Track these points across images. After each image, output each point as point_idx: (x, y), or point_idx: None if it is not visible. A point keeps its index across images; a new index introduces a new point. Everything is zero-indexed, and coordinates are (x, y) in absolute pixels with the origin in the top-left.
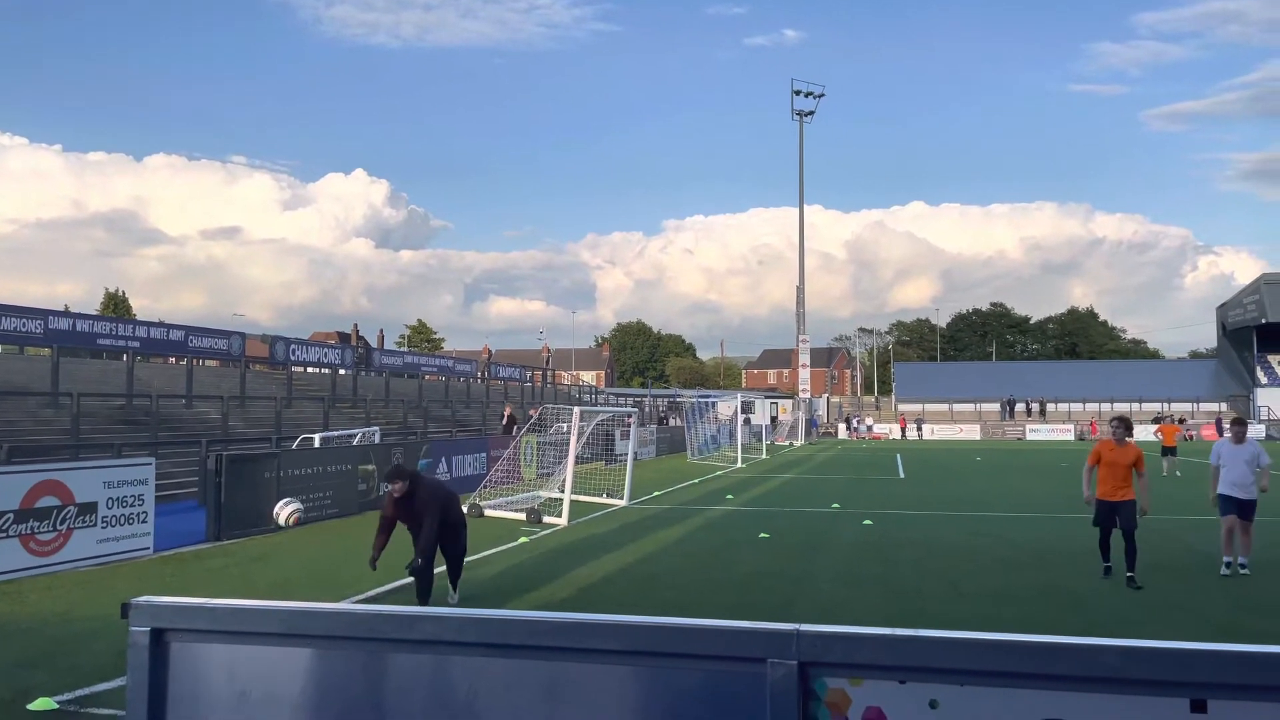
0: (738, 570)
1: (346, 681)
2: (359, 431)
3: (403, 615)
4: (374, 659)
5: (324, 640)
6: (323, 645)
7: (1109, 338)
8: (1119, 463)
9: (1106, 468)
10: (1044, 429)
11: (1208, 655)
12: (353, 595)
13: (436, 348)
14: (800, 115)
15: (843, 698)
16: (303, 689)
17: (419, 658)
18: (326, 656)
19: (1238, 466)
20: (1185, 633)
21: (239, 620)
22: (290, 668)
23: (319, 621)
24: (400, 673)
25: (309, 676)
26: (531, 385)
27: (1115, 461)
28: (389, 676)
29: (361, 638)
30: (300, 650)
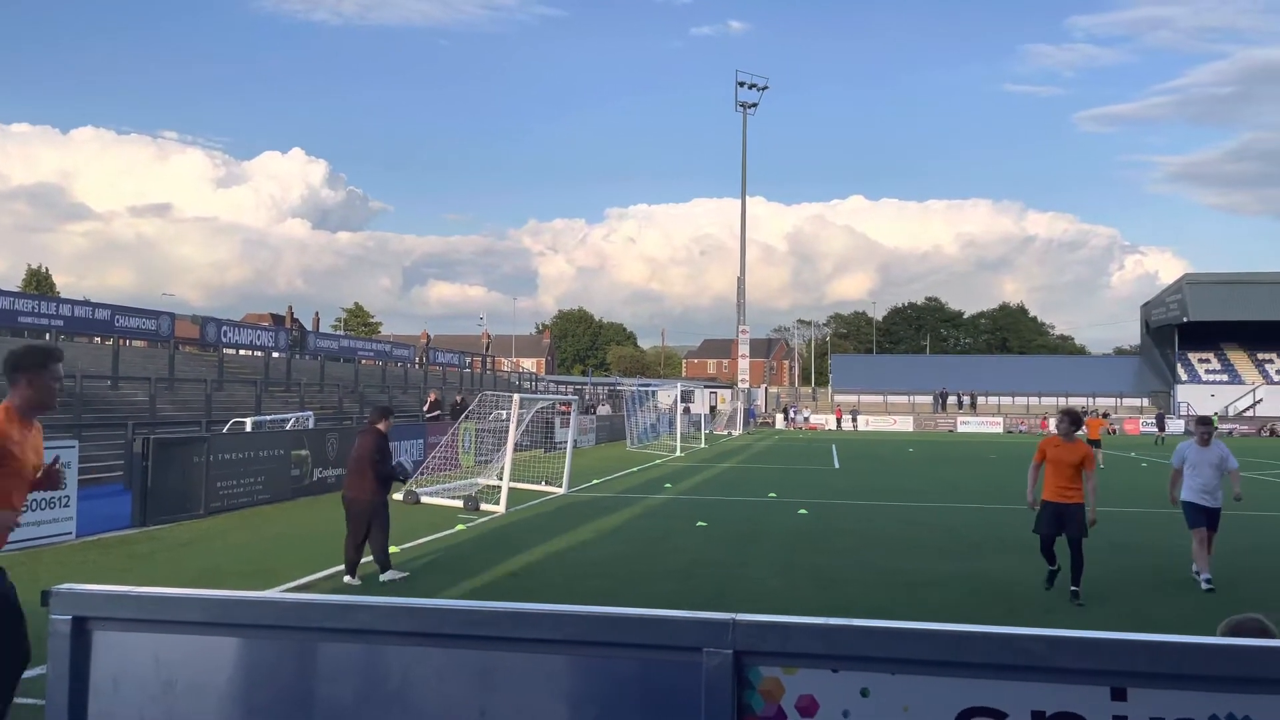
0: (675, 559)
1: (276, 671)
2: (292, 416)
3: (335, 604)
4: (304, 648)
5: (253, 629)
6: (251, 634)
7: (1038, 333)
8: (1065, 460)
9: (1052, 465)
10: (974, 421)
11: (1128, 644)
12: (284, 583)
13: (374, 332)
14: (744, 107)
15: (776, 686)
16: (230, 678)
17: (350, 647)
18: (255, 645)
19: (1204, 471)
20: (1106, 621)
21: (164, 609)
22: (218, 657)
23: (248, 610)
24: (331, 662)
25: (237, 666)
26: (471, 371)
27: (1061, 459)
28: (319, 666)
29: (292, 627)
30: (228, 639)
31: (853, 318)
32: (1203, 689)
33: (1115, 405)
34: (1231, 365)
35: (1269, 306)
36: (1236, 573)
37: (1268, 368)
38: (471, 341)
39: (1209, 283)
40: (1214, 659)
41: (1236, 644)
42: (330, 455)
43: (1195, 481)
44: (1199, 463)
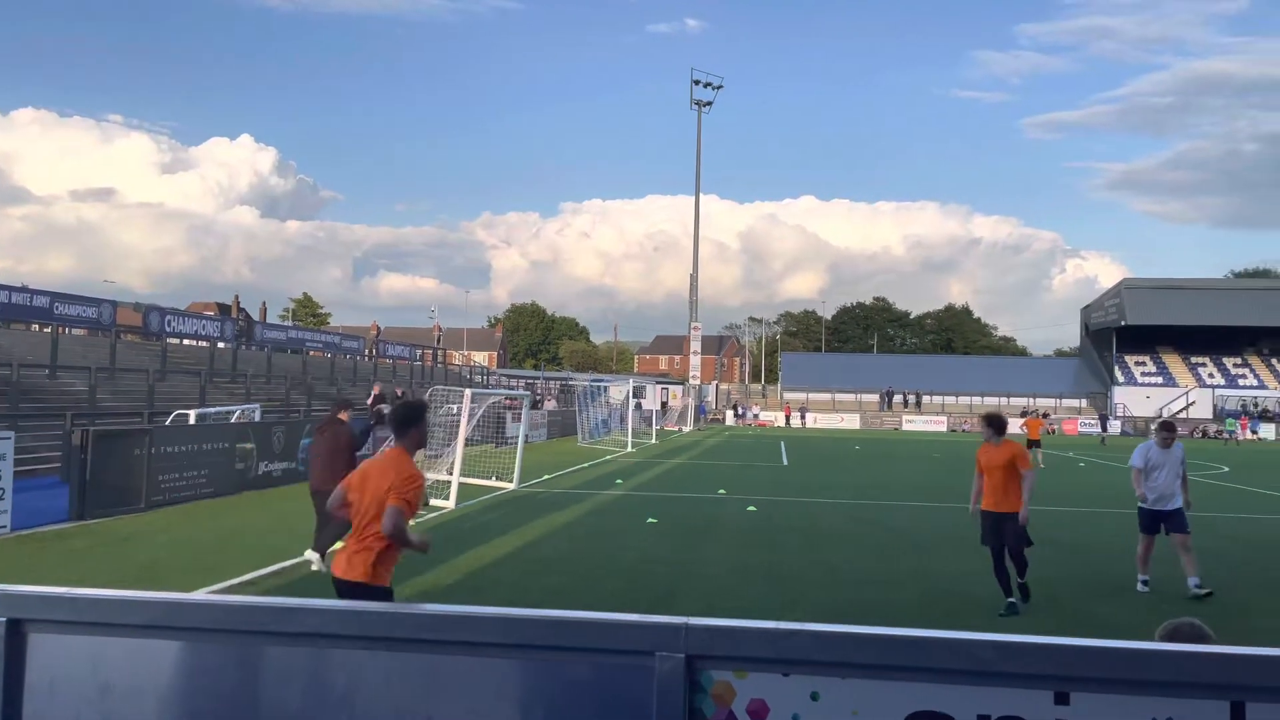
0: (626, 556)
1: (218, 674)
2: (238, 408)
3: (280, 607)
4: (248, 651)
5: (195, 632)
6: (193, 638)
7: (981, 334)
8: (995, 464)
9: (985, 473)
10: (920, 420)
11: (1071, 650)
12: (228, 579)
13: (323, 323)
14: (699, 105)
15: (728, 690)
16: (170, 682)
17: (296, 650)
18: (197, 649)
19: (1163, 474)
20: (1049, 623)
21: (103, 611)
22: (158, 660)
23: (190, 613)
24: (276, 665)
25: (178, 669)
26: (422, 364)
27: (992, 463)
28: (263, 669)
29: (235, 630)
30: (169, 643)
31: (802, 316)
32: (1143, 693)
33: (1055, 406)
34: (1166, 368)
35: (1202, 312)
36: (1180, 574)
37: (1200, 371)
38: (423, 334)
39: (1146, 288)
40: (1153, 664)
41: (1175, 649)
42: (276, 448)
43: (1155, 486)
44: (1160, 464)
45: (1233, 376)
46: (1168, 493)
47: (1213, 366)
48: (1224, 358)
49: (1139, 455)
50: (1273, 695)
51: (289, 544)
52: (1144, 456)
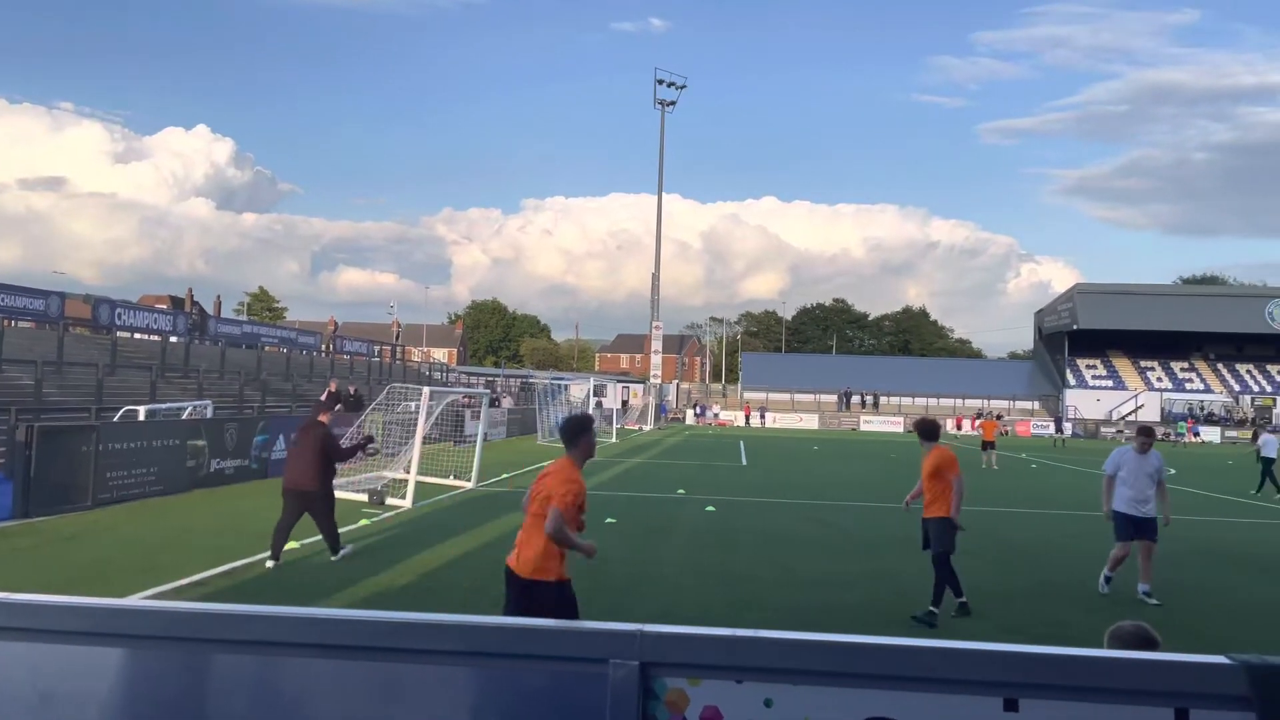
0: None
1: (164, 682)
2: (189, 405)
3: (229, 614)
4: (195, 659)
5: (139, 640)
6: (138, 645)
7: (938, 336)
8: (924, 471)
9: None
10: (877, 420)
11: (1020, 656)
12: (176, 580)
13: (278, 317)
14: (662, 104)
15: (681, 697)
16: (114, 690)
17: (245, 658)
18: (142, 656)
19: (1140, 480)
20: (998, 623)
21: (43, 617)
22: (101, 667)
23: (134, 620)
24: (223, 673)
25: (121, 677)
26: (380, 361)
27: (923, 470)
28: (210, 677)
29: (182, 637)
30: (113, 650)
31: (763, 316)
32: (1090, 699)
33: (1009, 408)
34: (1116, 372)
35: (1152, 317)
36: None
37: (1149, 375)
38: (381, 330)
39: (1098, 293)
40: (1100, 671)
41: (1122, 656)
42: (229, 446)
43: (1128, 491)
44: (1136, 471)
45: (1180, 381)
46: (1143, 497)
47: (1161, 371)
48: (1172, 362)
49: (1111, 462)
50: (1215, 702)
51: (240, 544)
52: (1115, 463)
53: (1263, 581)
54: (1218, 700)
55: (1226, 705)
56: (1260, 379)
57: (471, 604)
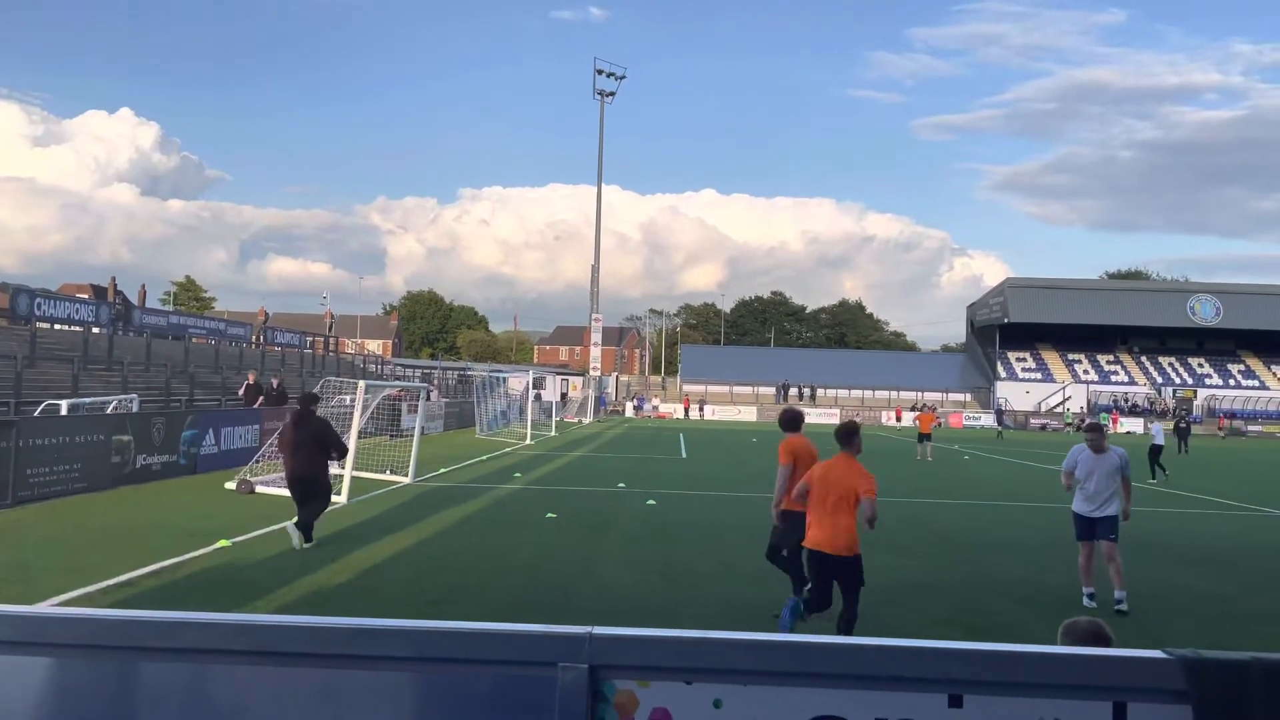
0: (524, 551)
1: (92, 693)
2: (114, 399)
3: (161, 622)
4: (125, 668)
5: (66, 649)
6: (64, 654)
7: (874, 329)
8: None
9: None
10: (814, 413)
11: (963, 654)
12: (101, 580)
13: (206, 308)
14: (602, 95)
15: (631, 699)
16: (39, 702)
17: (177, 667)
18: (69, 666)
19: (1097, 479)
20: (932, 613)
21: None
22: (25, 678)
23: (60, 628)
24: (154, 683)
25: (47, 688)
26: (313, 353)
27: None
28: (141, 687)
29: (110, 646)
30: (37, 659)
31: (702, 309)
32: (1032, 695)
33: (942, 400)
34: (1045, 364)
35: (1079, 310)
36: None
37: (1076, 368)
38: (313, 321)
39: (1028, 287)
40: (1041, 666)
41: (1060, 652)
42: (156, 441)
43: (1082, 490)
44: (1093, 470)
45: (1106, 373)
46: (1101, 498)
47: (1088, 363)
48: (1098, 355)
49: (1069, 460)
50: (1153, 696)
51: (169, 542)
52: (1072, 461)
53: (1190, 573)
54: (1155, 694)
55: (1164, 699)
56: (1181, 371)
57: (410, 602)
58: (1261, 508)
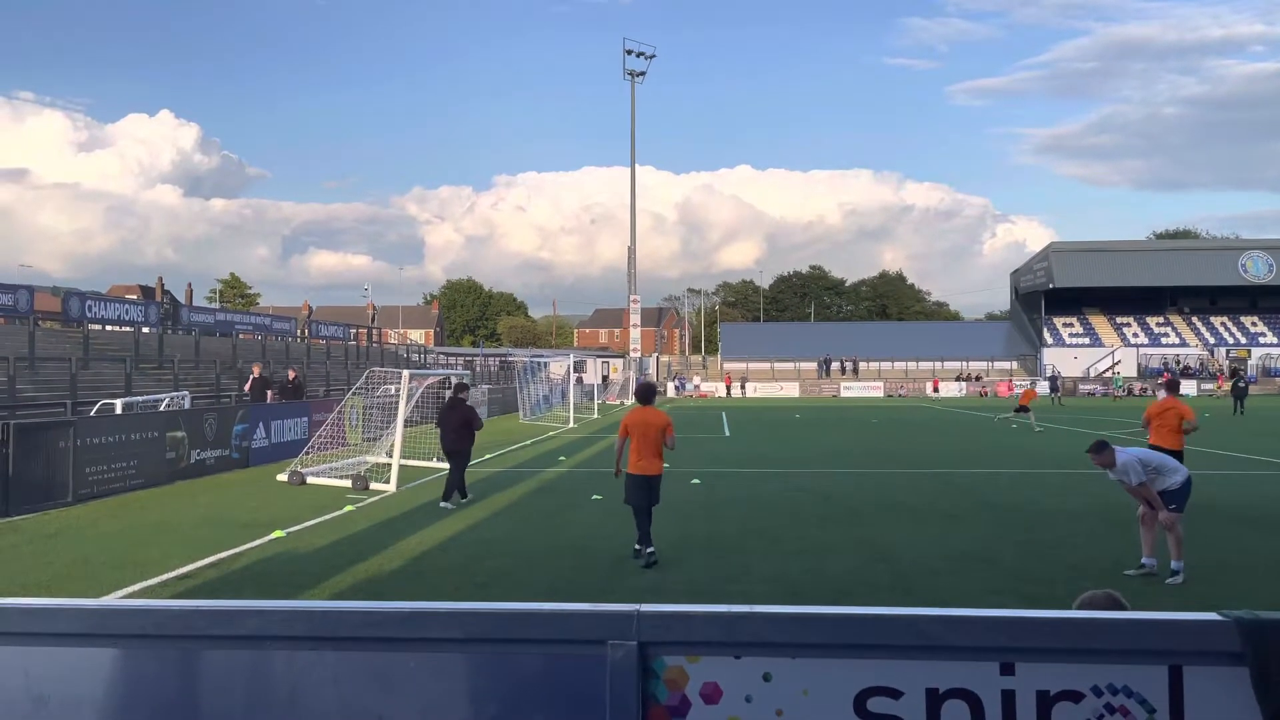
0: (571, 533)
1: (158, 682)
2: (166, 396)
3: (220, 610)
4: (188, 656)
5: (132, 639)
6: (130, 645)
7: (915, 300)
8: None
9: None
10: (857, 386)
11: (1015, 621)
12: (161, 574)
13: (251, 304)
14: (632, 75)
15: (681, 675)
16: (108, 691)
17: (238, 653)
18: (135, 656)
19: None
20: (986, 583)
21: (34, 620)
22: (94, 669)
23: (126, 620)
24: (216, 670)
25: (115, 677)
26: (356, 344)
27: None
28: (203, 674)
29: (174, 635)
30: (105, 650)
31: (740, 286)
32: (1085, 661)
33: (987, 369)
34: (1093, 329)
35: (1126, 273)
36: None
37: (1125, 331)
38: (356, 313)
39: (1072, 250)
40: (1095, 632)
41: (1116, 617)
42: (209, 436)
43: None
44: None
45: (1156, 335)
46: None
47: (1137, 326)
48: (1147, 317)
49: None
50: (1209, 659)
51: (224, 535)
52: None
53: (1247, 534)
54: (1212, 657)
55: (1220, 661)
56: (1235, 331)
57: (461, 586)
58: None
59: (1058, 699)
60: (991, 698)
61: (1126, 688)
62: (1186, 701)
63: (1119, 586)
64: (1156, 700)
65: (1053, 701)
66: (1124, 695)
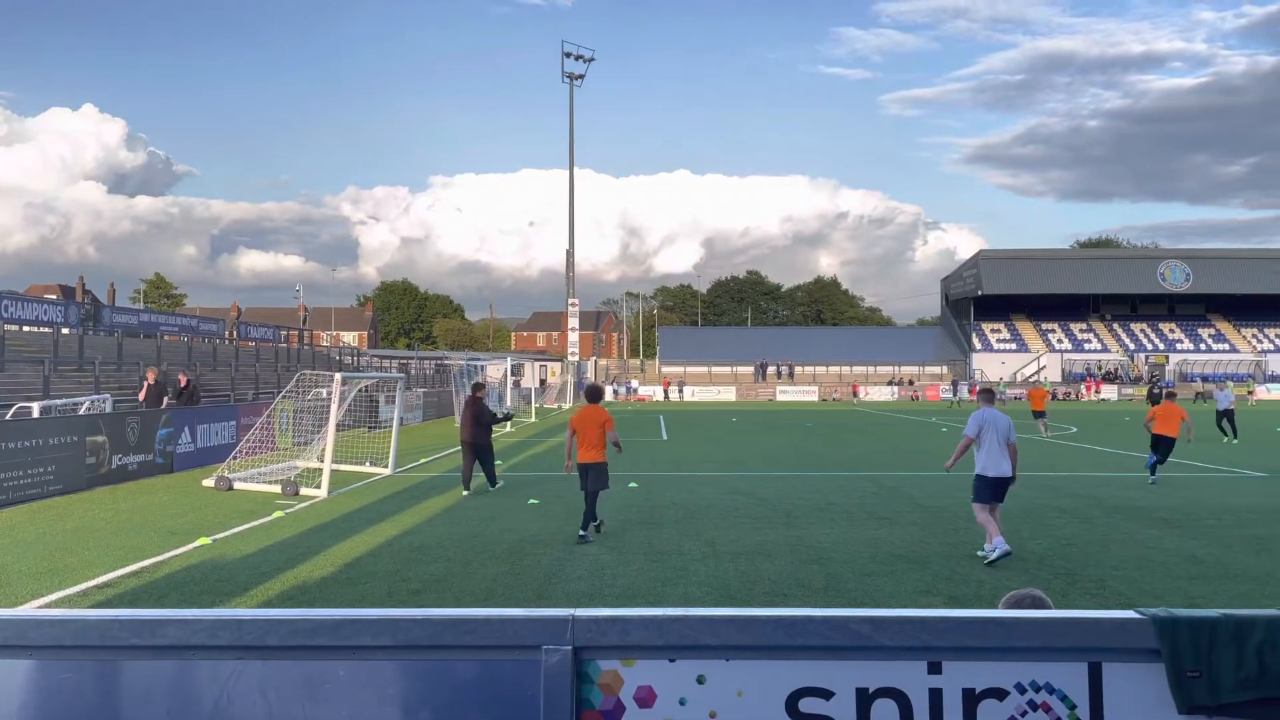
0: (507, 538)
1: (76, 694)
2: (87, 399)
3: (141, 620)
4: (108, 668)
5: (49, 650)
6: (48, 655)
7: (849, 305)
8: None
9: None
10: (793, 390)
11: (941, 621)
12: (81, 582)
13: (177, 305)
14: (571, 78)
15: (615, 679)
16: (23, 705)
17: (160, 664)
18: (51, 668)
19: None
20: (914, 584)
21: None
22: (8, 681)
23: (42, 631)
24: (139, 681)
25: (31, 690)
26: (287, 346)
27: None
28: (125, 686)
29: (93, 646)
30: (21, 662)
31: (679, 291)
32: (1008, 659)
33: (918, 373)
34: (1020, 335)
35: (1051, 280)
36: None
37: (1050, 337)
38: (287, 314)
39: (1000, 258)
40: (1018, 630)
41: (1038, 616)
42: (131, 441)
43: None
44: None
45: (1079, 341)
46: (995, 459)
47: (1061, 332)
48: (1071, 323)
49: (972, 425)
50: (1127, 655)
51: (148, 542)
52: (978, 425)
53: (1165, 535)
54: (1130, 654)
55: (1138, 658)
56: (1154, 337)
57: (394, 592)
58: (1236, 469)
59: (983, 696)
60: (919, 696)
61: (1049, 684)
62: (1106, 697)
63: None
64: (1077, 696)
65: (978, 699)
66: (1046, 692)
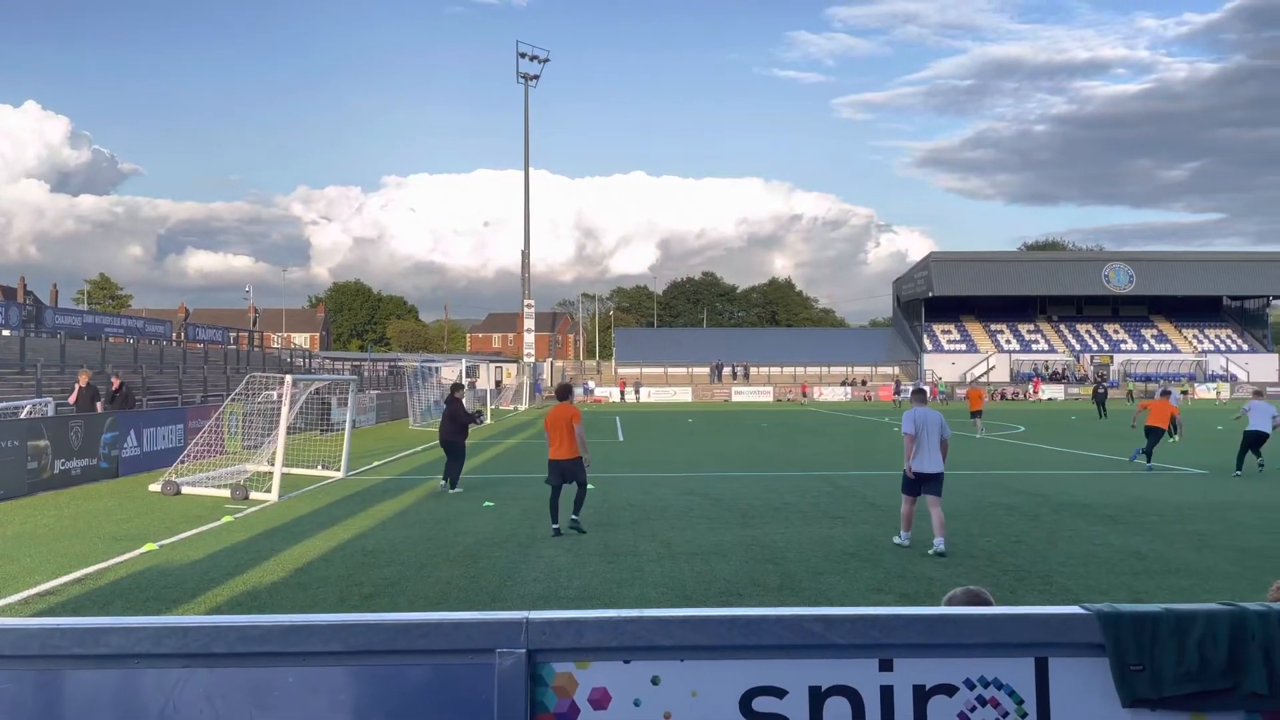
0: (462, 541)
1: (16, 705)
2: (28, 403)
3: (84, 628)
4: (49, 678)
5: None
6: None
7: (803, 307)
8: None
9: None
10: (748, 391)
11: (892, 619)
12: (23, 590)
13: (123, 306)
14: (526, 78)
15: (570, 681)
16: None
17: (104, 673)
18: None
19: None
20: (866, 582)
21: None
22: None
23: None
24: (81, 691)
25: None
26: (236, 348)
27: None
28: (68, 696)
29: (34, 655)
30: None
31: (635, 292)
32: (957, 655)
33: (871, 374)
34: (969, 335)
35: (1000, 282)
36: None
37: (999, 338)
38: (237, 315)
39: (950, 260)
40: (966, 627)
41: (986, 613)
42: (75, 445)
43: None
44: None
45: (1027, 342)
46: (929, 456)
47: (1010, 333)
48: (1019, 325)
49: (908, 421)
50: (1072, 650)
51: (92, 548)
52: (913, 422)
53: (1109, 531)
54: (1075, 648)
55: (1083, 652)
56: (1099, 337)
57: (347, 597)
58: (1178, 467)
59: (933, 693)
60: (871, 693)
61: (997, 679)
62: (1052, 691)
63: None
64: (1024, 690)
65: (929, 695)
66: (994, 687)
